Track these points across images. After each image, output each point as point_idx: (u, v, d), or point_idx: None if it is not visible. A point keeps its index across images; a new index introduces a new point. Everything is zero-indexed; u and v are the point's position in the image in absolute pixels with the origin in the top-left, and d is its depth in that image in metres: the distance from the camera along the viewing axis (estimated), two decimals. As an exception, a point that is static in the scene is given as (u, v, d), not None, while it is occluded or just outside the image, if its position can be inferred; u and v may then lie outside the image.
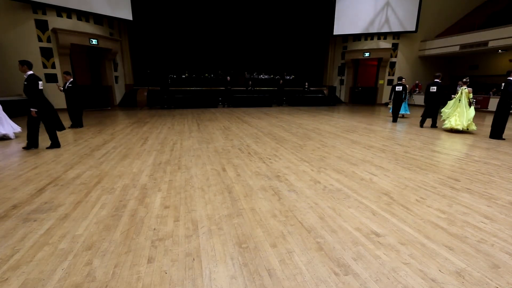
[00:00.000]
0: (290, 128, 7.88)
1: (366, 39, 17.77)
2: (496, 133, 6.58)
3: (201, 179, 3.59)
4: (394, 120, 9.57)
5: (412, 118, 10.74)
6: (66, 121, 8.97)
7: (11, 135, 6.04)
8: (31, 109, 4.96)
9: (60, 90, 7.53)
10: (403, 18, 16.65)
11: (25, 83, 4.84)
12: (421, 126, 8.33)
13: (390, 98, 9.86)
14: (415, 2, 16.34)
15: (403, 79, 10.61)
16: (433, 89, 8.21)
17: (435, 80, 8.24)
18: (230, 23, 17.85)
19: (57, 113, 5.57)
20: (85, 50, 13.60)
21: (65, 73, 7.59)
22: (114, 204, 2.82)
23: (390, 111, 10.30)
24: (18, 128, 6.36)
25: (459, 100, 7.49)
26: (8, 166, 4.17)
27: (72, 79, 7.52)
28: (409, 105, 11.15)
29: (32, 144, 5.23)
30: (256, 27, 18.32)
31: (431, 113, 8.29)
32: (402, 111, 10.72)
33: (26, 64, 4.89)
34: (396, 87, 9.30)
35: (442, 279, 1.76)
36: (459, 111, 7.45)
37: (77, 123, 7.70)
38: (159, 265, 1.88)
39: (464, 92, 7.45)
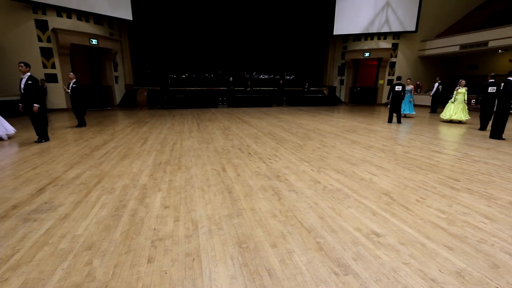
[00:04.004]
0: (290, 128, 7.88)
1: (366, 39, 17.76)
2: (496, 133, 6.58)
3: (201, 179, 3.59)
4: (392, 120, 9.35)
5: (416, 118, 10.72)
6: (66, 121, 8.98)
7: (4, 136, 6.02)
8: (34, 105, 5.56)
9: (67, 92, 7.63)
10: (403, 18, 16.65)
11: (30, 82, 5.48)
12: (484, 129, 7.91)
13: (388, 98, 9.65)
14: (415, 2, 16.33)
15: (408, 80, 10.57)
16: (492, 89, 7.56)
17: (491, 80, 7.60)
18: (230, 23, 17.85)
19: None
20: (85, 50, 13.59)
21: (71, 72, 7.82)
22: (114, 204, 2.82)
23: (403, 111, 10.39)
24: (11, 130, 6.25)
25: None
26: (8, 166, 4.17)
27: (75, 79, 7.62)
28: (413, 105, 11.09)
29: (43, 136, 5.83)
30: (256, 27, 18.32)
31: (490, 114, 7.71)
32: (406, 111, 10.68)
33: (28, 66, 5.57)
34: (396, 87, 9.20)
35: (442, 279, 1.76)
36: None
37: (81, 123, 7.85)
38: (159, 265, 1.88)
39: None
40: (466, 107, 9.38)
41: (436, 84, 12.50)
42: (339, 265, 1.89)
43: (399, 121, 9.25)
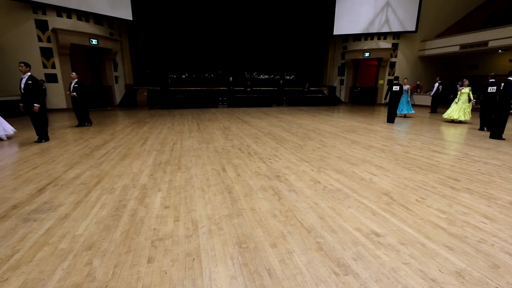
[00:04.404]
0: (290, 128, 7.88)
1: (366, 39, 17.76)
2: (496, 133, 6.58)
3: (201, 179, 3.59)
4: (390, 120, 9.34)
5: (416, 118, 10.72)
6: (66, 121, 8.98)
7: (3, 137, 6.02)
8: (35, 105, 5.57)
9: (74, 96, 7.59)
10: (403, 18, 16.64)
11: (30, 82, 5.51)
12: (482, 129, 7.88)
13: (385, 98, 9.62)
14: (415, 2, 16.33)
15: (405, 80, 10.67)
16: (492, 89, 7.34)
17: (491, 80, 7.38)
18: (230, 23, 17.84)
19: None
20: (85, 50, 13.59)
21: (73, 72, 7.86)
22: (114, 204, 2.82)
23: (399, 111, 10.35)
24: (10, 131, 6.22)
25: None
26: (8, 166, 4.17)
27: (77, 79, 7.69)
28: (412, 105, 11.14)
29: (44, 136, 5.84)
30: (256, 27, 18.32)
31: (490, 114, 7.50)
32: (404, 111, 10.73)
33: (28, 66, 5.60)
34: (393, 87, 9.22)
35: (442, 279, 1.76)
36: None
37: (83, 122, 7.94)
38: (159, 265, 1.88)
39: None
40: (469, 108, 9.35)
41: (436, 84, 12.50)
42: (339, 265, 1.89)
43: (392, 121, 9.34)
